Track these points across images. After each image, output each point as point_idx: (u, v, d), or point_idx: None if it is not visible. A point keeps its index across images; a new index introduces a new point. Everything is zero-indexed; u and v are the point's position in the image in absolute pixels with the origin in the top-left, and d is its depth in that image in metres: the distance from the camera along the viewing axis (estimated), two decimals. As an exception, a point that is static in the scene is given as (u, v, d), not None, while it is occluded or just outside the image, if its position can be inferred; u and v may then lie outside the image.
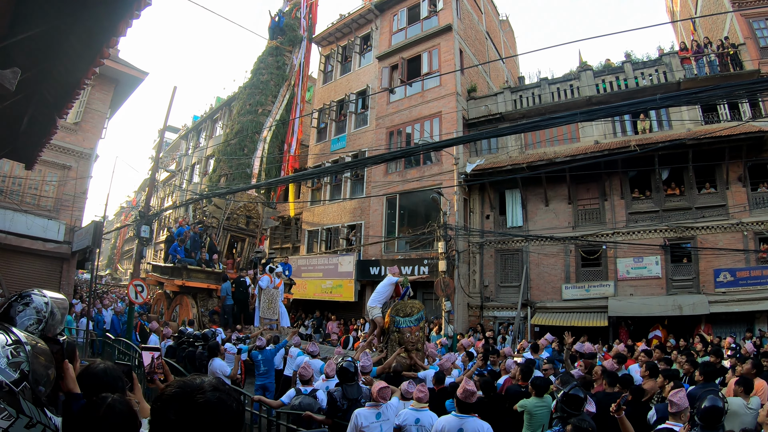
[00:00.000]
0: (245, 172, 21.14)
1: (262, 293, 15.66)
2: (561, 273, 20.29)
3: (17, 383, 1.78)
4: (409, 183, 22.68)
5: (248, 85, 24.15)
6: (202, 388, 1.49)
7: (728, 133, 17.50)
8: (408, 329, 9.68)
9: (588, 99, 20.88)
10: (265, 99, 23.15)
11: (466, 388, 5.42)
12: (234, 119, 23.52)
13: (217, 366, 9.22)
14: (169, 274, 17.58)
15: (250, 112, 22.74)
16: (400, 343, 9.59)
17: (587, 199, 20.78)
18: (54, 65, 7.16)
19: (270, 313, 15.56)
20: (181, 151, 42.82)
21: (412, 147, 19.89)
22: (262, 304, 15.56)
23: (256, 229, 20.83)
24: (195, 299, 17.43)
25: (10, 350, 1.83)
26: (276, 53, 24.48)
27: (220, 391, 1.50)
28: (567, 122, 11.21)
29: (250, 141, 21.93)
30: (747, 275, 17.75)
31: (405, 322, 9.72)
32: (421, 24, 25.13)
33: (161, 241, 41.60)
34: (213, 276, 17.70)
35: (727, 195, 18.68)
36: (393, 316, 9.83)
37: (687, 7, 28.92)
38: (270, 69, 23.94)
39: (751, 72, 18.65)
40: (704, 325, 17.60)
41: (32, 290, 2.53)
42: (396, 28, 26.16)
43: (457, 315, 19.82)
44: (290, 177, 19.30)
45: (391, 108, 24.75)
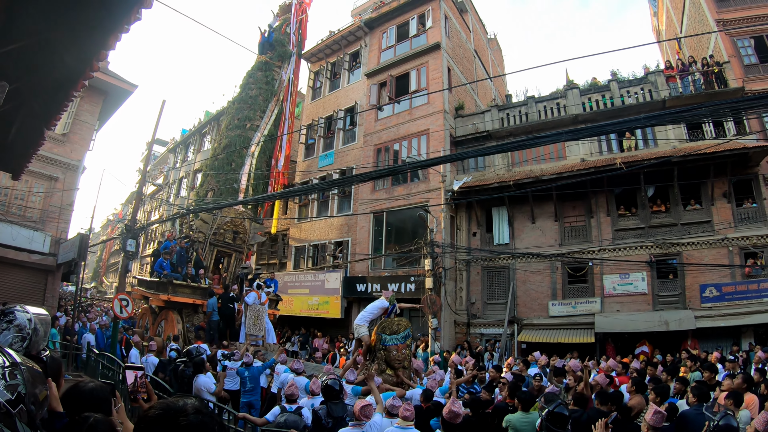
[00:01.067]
0: (233, 187, 20.97)
1: (248, 309, 15.52)
2: (548, 290, 20.31)
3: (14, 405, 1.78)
4: (397, 200, 22.75)
5: (237, 100, 24.02)
6: (185, 410, 1.48)
7: (713, 150, 17.62)
8: (395, 347, 9.54)
9: (574, 117, 21.06)
10: (254, 114, 23.00)
11: (451, 409, 5.38)
12: (222, 134, 23.33)
13: (201, 383, 9.21)
14: (155, 289, 17.14)
15: (239, 126, 22.57)
16: (387, 360, 9.46)
17: (573, 216, 20.87)
18: (43, 77, 7.13)
19: (256, 329, 15.47)
20: (169, 164, 42.67)
21: (399, 165, 20.01)
22: (248, 320, 15.42)
23: (243, 245, 20.54)
24: (180, 314, 17.10)
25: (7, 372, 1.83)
26: (265, 68, 24.44)
27: (203, 414, 1.50)
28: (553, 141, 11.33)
29: (237, 156, 21.74)
30: (733, 290, 17.88)
31: (392, 339, 9.58)
32: (410, 42, 25.30)
33: (147, 254, 41.28)
34: (199, 291, 17.36)
35: (712, 211, 18.84)
36: (379, 333, 9.70)
37: (672, 27, 29.32)
38: (259, 84, 23.85)
39: (736, 90, 18.90)
40: (691, 341, 17.63)
41: (15, 306, 2.52)
42: (385, 46, 26.34)
43: (444, 332, 19.81)
44: (277, 193, 19.25)
45: (379, 125, 24.85)
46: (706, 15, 21.74)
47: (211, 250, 19.41)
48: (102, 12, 5.38)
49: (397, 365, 9.48)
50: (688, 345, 17.25)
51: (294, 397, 7.53)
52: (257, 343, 14.95)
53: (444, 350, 18.06)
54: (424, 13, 25.12)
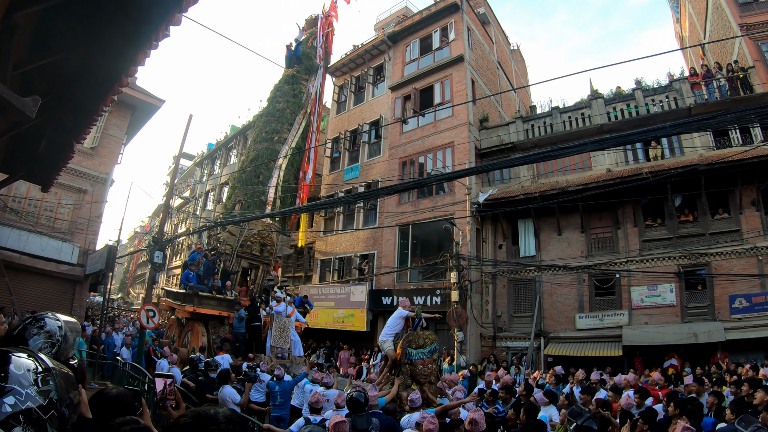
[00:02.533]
0: (260, 200, 21.12)
1: (274, 321, 15.19)
2: (574, 302, 20.15)
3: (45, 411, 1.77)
4: (422, 213, 22.78)
5: (264, 113, 24.26)
6: (216, 419, 1.49)
7: (740, 157, 17.12)
8: (420, 361, 9.24)
9: (599, 127, 20.96)
10: (281, 127, 23.21)
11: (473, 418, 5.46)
12: (250, 147, 23.56)
13: (227, 393, 9.21)
14: (181, 300, 17.15)
15: (266, 139, 22.75)
16: (413, 375, 9.18)
17: (600, 227, 20.72)
18: (73, 91, 7.33)
19: (281, 341, 15.17)
20: (196, 178, 43.26)
21: (424, 178, 20.01)
22: (274, 332, 15.10)
23: (270, 257, 20.43)
24: (206, 326, 17.01)
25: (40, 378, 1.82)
26: (292, 81, 24.66)
27: (234, 423, 1.51)
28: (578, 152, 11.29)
29: (265, 168, 21.87)
30: (763, 301, 17.45)
31: (417, 354, 9.30)
32: (434, 55, 25.47)
33: (174, 266, 41.88)
34: (225, 303, 17.31)
35: (740, 220, 18.52)
36: (405, 347, 9.44)
37: (696, 33, 29.07)
38: (286, 97, 24.07)
39: (762, 95, 18.57)
40: (720, 353, 17.30)
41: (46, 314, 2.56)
42: (408, 59, 26.53)
43: (470, 345, 19.77)
44: (303, 207, 19.38)
45: (404, 138, 24.98)
46: (730, 20, 21.51)
47: (237, 261, 19.34)
48: (131, 29, 5.54)
49: (422, 380, 9.15)
50: (717, 358, 16.98)
51: (319, 406, 7.58)
52: (283, 355, 14.77)
53: (470, 364, 18.02)
54: (446, 26, 25.28)
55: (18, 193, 18.98)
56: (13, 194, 18.67)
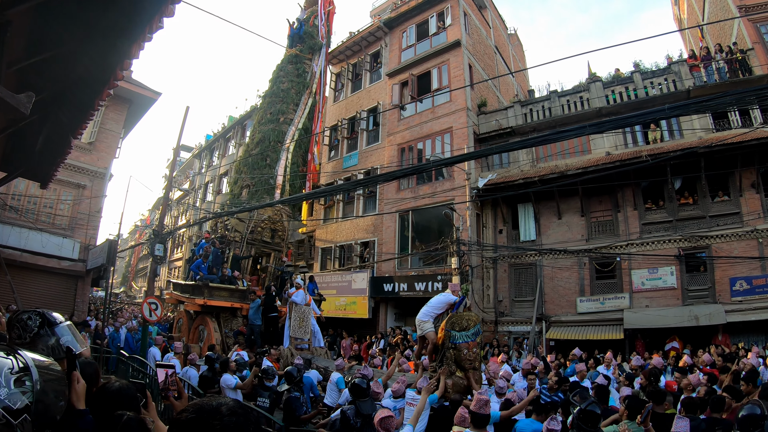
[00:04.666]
0: (268, 183, 20.45)
1: (293, 310, 14.35)
2: (575, 286, 20.21)
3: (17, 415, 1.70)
4: (422, 199, 22.82)
5: (268, 94, 23.51)
6: (219, 412, 1.46)
7: (740, 139, 17.23)
8: (465, 345, 8.57)
9: (598, 110, 20.90)
10: (287, 107, 22.50)
11: (479, 398, 5.30)
12: (254, 129, 22.71)
13: (223, 380, 9.44)
14: (190, 293, 16.43)
15: (272, 120, 22.04)
16: (457, 361, 8.58)
17: (600, 211, 20.73)
18: (68, 87, 7.31)
19: (301, 332, 14.36)
20: (195, 169, 43.21)
21: (423, 164, 19.97)
22: (293, 322, 14.24)
23: (282, 243, 19.90)
24: (218, 319, 16.24)
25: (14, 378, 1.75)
26: (296, 61, 24.06)
27: (237, 416, 1.48)
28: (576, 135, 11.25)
29: (272, 151, 21.16)
30: (764, 283, 17.51)
31: (461, 337, 8.60)
32: (430, 40, 25.32)
33: (176, 258, 41.98)
34: (237, 294, 16.54)
35: (740, 202, 18.53)
36: (448, 330, 8.74)
37: (694, 15, 28.88)
38: (290, 77, 23.42)
39: (761, 77, 18.48)
40: (721, 335, 17.39)
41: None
42: (405, 45, 26.40)
43: (472, 330, 19.77)
44: (303, 195, 19.23)
45: (402, 125, 24.95)
46: (728, 2, 21.35)
47: (248, 249, 18.65)
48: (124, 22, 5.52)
49: (467, 366, 8.52)
50: (718, 340, 17.08)
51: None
52: (303, 347, 14.10)
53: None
54: (443, 11, 25.12)
55: (17, 191, 18.92)
56: (12, 192, 18.59)
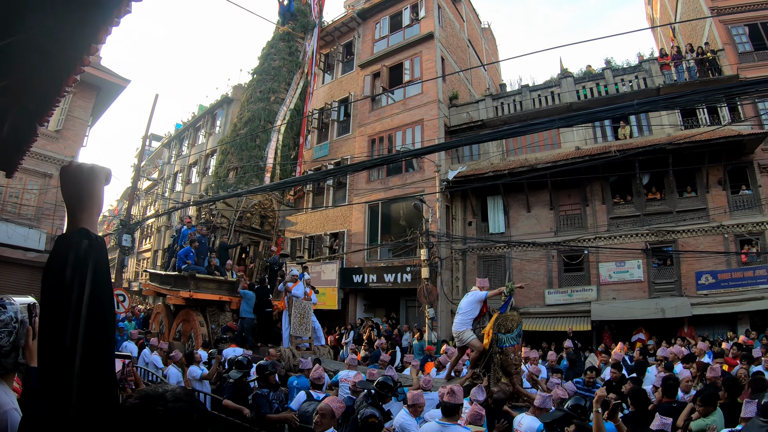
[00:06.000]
0: (258, 165, 19.34)
1: (292, 305, 12.98)
2: (544, 278, 20.36)
3: None
4: (392, 190, 22.74)
5: (258, 71, 22.30)
6: (163, 398, 1.46)
7: (708, 137, 17.59)
8: (512, 348, 8.00)
9: (569, 105, 21.00)
10: (278, 86, 21.33)
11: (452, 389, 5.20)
12: (243, 107, 21.38)
13: (189, 372, 9.45)
14: (172, 284, 14.72)
15: (262, 99, 20.86)
16: (503, 366, 7.95)
17: (569, 204, 20.92)
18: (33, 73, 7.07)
19: (302, 330, 13.05)
20: (164, 159, 42.55)
21: (393, 154, 19.86)
22: (293, 319, 12.89)
23: (272, 230, 18.42)
24: (204, 314, 14.58)
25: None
26: (288, 39, 23.01)
27: (182, 401, 1.47)
28: (546, 128, 11.25)
29: (262, 131, 19.92)
30: (728, 277, 17.97)
31: (508, 340, 8.02)
32: (403, 32, 25.21)
33: (144, 250, 41.35)
34: (225, 286, 14.87)
35: (707, 198, 18.91)
36: (496, 333, 8.06)
37: (666, 15, 29.28)
38: (282, 55, 22.35)
39: (730, 77, 18.90)
40: (687, 328, 17.77)
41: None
42: (378, 36, 26.25)
43: (441, 322, 19.76)
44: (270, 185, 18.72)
45: (373, 116, 24.84)
46: (701, 2, 21.68)
47: (236, 237, 17.07)
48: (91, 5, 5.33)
49: (513, 371, 7.97)
50: (684, 332, 17.39)
51: (321, 383, 7.34)
52: (303, 345, 13.06)
53: (441, 340, 18.07)
54: (417, 3, 24.99)
55: (-19, 181, 18.45)
56: (-24, 183, 18.13)
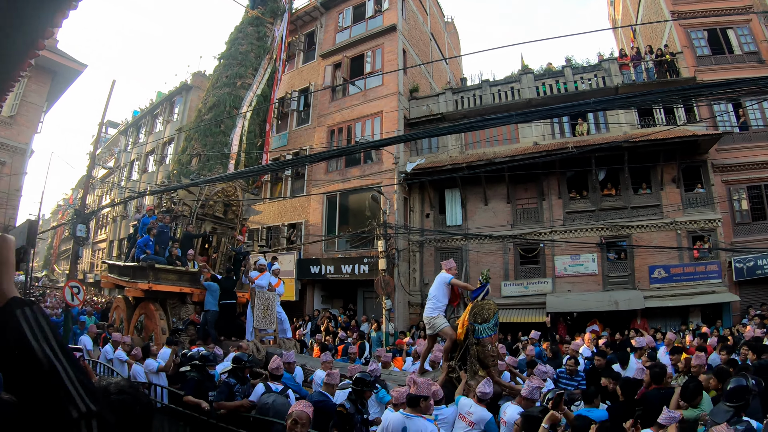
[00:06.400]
0: (222, 152, 18.58)
1: (255, 296, 12.50)
2: (500, 271, 20.55)
3: None
4: (350, 182, 22.60)
5: (225, 56, 21.60)
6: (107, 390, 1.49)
7: (663, 136, 18.12)
8: (489, 339, 7.48)
9: (528, 101, 21.21)
10: (245, 71, 20.72)
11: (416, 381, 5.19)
12: (208, 91, 20.77)
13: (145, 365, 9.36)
14: (131, 276, 13.88)
15: (228, 84, 20.13)
16: (480, 358, 7.44)
17: (526, 198, 21.17)
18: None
19: (266, 322, 12.47)
20: (120, 146, 41.61)
21: (351, 145, 19.80)
22: (257, 311, 12.32)
23: (236, 219, 17.46)
24: (164, 307, 13.73)
25: None
26: (257, 23, 22.41)
27: (125, 394, 1.52)
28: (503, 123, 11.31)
29: (228, 117, 19.14)
30: (681, 272, 18.60)
31: (485, 330, 7.47)
32: (366, 23, 25.04)
33: (99, 240, 40.44)
34: (187, 277, 13.99)
35: (661, 195, 19.44)
36: (471, 323, 7.54)
37: (628, 16, 29.80)
38: (250, 39, 21.73)
39: (687, 79, 19.41)
40: (640, 320, 18.24)
41: None
42: (341, 27, 26.01)
43: (398, 313, 19.77)
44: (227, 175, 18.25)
45: (333, 107, 24.63)
46: (662, 6, 22.19)
47: (198, 225, 16.10)
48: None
49: (491, 362, 7.42)
50: (637, 324, 17.78)
51: (279, 373, 7.18)
52: (268, 339, 12.51)
53: (398, 331, 18.08)
54: (381, -6, 24.86)
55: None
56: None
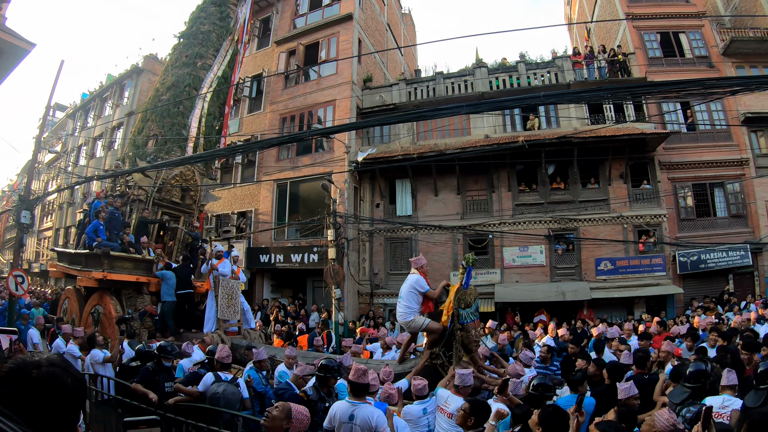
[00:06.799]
0: (180, 134, 17.70)
1: (219, 285, 11.80)
2: (449, 261, 20.70)
3: None
4: (301, 170, 22.47)
5: (185, 35, 20.56)
6: (39, 363, 1.49)
7: (612, 133, 18.74)
8: (472, 324, 7.33)
9: (481, 94, 21.43)
10: (206, 51, 19.84)
11: (357, 368, 5.16)
12: (167, 70, 19.85)
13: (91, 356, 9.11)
14: (83, 264, 12.93)
15: (188, 64, 19.24)
16: (464, 344, 7.28)
17: (476, 190, 21.41)
18: None
19: (230, 312, 11.91)
20: (68, 130, 40.43)
21: (303, 131, 19.63)
22: (220, 300, 11.68)
23: (193, 205, 16.79)
24: (119, 297, 12.70)
25: None
26: (219, 3, 21.45)
27: (56, 366, 1.51)
28: (454, 113, 11.29)
29: (187, 97, 18.31)
30: (626, 264, 19.19)
31: (468, 315, 7.30)
32: (323, 11, 24.86)
33: (45, 228, 39.30)
34: (143, 265, 13.08)
35: (609, 190, 19.99)
36: (457, 308, 7.31)
37: (584, 16, 30.42)
38: (212, 19, 20.76)
39: (639, 79, 20.02)
40: (586, 310, 18.81)
41: None
42: (297, 14, 25.78)
43: (347, 302, 19.73)
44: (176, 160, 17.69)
45: (286, 94, 24.39)
46: (617, 7, 22.80)
47: (154, 211, 15.22)
48: None
49: (474, 347, 7.32)
50: (583, 314, 18.36)
51: (228, 361, 7.06)
52: (232, 329, 11.99)
53: (348, 320, 18.05)
54: (338, -18, 24.67)
55: None
56: None
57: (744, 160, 20.01)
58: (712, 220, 20.00)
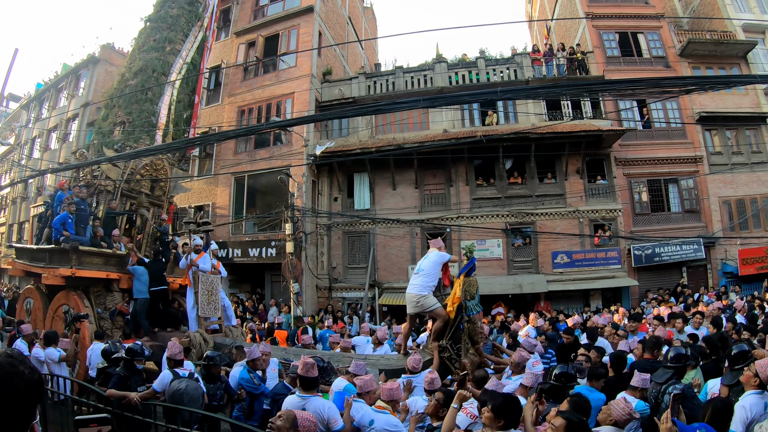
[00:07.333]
0: (149, 121, 16.50)
1: (198, 281, 10.93)
2: (407, 254, 20.84)
3: None
4: (258, 163, 22.22)
5: (153, 18, 19.21)
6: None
7: (569, 129, 19.19)
8: (477, 316, 7.28)
9: (440, 89, 21.54)
10: (175, 36, 18.56)
11: (305, 361, 5.12)
12: (134, 54, 18.39)
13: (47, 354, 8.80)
14: (47, 261, 11.81)
15: (156, 48, 18.00)
16: (471, 336, 7.16)
17: (434, 184, 21.59)
18: None
19: (211, 309, 11.10)
20: (21, 122, 39.30)
21: (260, 124, 19.46)
22: (200, 296, 10.84)
23: (163, 196, 15.74)
24: (88, 295, 11.44)
25: None
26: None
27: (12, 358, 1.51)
28: (411, 107, 11.39)
29: (156, 84, 17.20)
30: (582, 257, 19.66)
31: (474, 307, 7.23)
32: (284, 2, 24.56)
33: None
34: (114, 260, 11.95)
35: (565, 185, 20.43)
36: (464, 300, 7.18)
37: (544, 14, 30.80)
38: (180, 3, 19.55)
39: (596, 77, 20.49)
40: (543, 302, 19.22)
41: None
42: (257, 5, 25.44)
43: (306, 296, 19.71)
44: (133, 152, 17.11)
45: (245, 86, 24.11)
46: (577, 7, 23.10)
47: (123, 202, 14.06)
48: None
49: (479, 339, 7.23)
50: (541, 306, 18.74)
51: (180, 358, 6.94)
52: (212, 327, 11.09)
53: (306, 315, 17.93)
54: (299, -26, 24.42)
55: None
56: None
57: (698, 157, 20.61)
58: (666, 215, 20.57)
